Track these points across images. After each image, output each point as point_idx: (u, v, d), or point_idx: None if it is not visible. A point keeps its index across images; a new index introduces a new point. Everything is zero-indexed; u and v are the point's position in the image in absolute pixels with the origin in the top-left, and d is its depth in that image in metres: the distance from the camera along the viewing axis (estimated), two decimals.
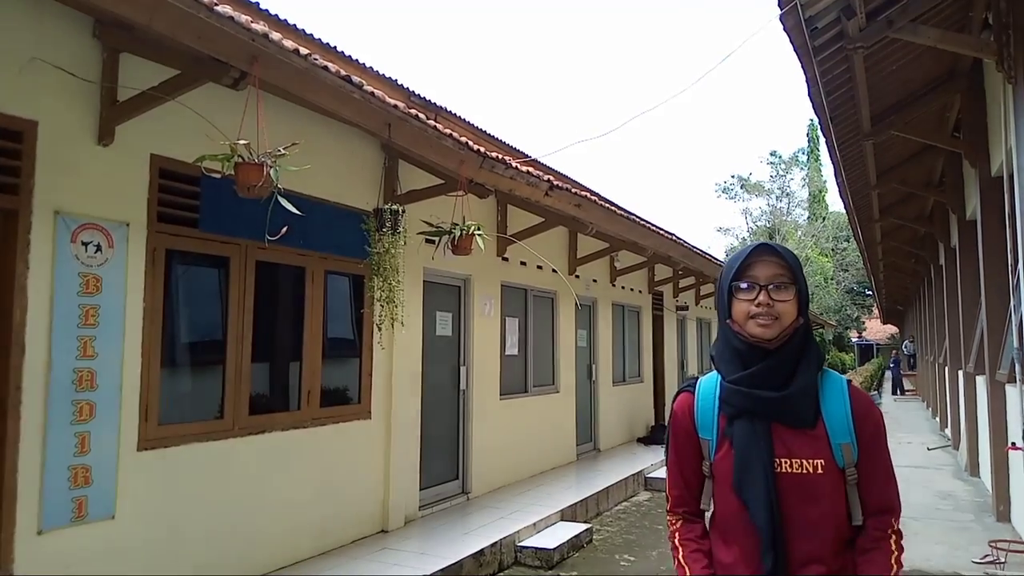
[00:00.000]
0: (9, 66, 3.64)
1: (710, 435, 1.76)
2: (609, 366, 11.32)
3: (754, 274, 1.71)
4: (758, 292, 1.68)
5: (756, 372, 1.67)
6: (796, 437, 1.66)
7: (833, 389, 1.70)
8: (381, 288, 5.13)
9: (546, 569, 5.81)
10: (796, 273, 1.70)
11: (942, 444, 12.17)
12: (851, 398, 1.69)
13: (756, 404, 1.67)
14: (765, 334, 1.66)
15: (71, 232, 3.86)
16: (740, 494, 1.67)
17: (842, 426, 1.65)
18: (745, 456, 1.67)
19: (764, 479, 1.63)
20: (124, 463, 4.10)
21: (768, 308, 1.66)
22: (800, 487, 1.64)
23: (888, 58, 6.36)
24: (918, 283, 18.66)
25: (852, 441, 1.65)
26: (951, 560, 5.71)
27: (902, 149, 9.15)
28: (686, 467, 1.82)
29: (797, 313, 1.69)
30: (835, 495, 1.65)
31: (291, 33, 5.69)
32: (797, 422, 1.66)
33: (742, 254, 1.75)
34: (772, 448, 1.65)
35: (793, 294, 1.68)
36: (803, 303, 1.71)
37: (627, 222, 8.71)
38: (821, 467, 1.63)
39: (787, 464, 1.65)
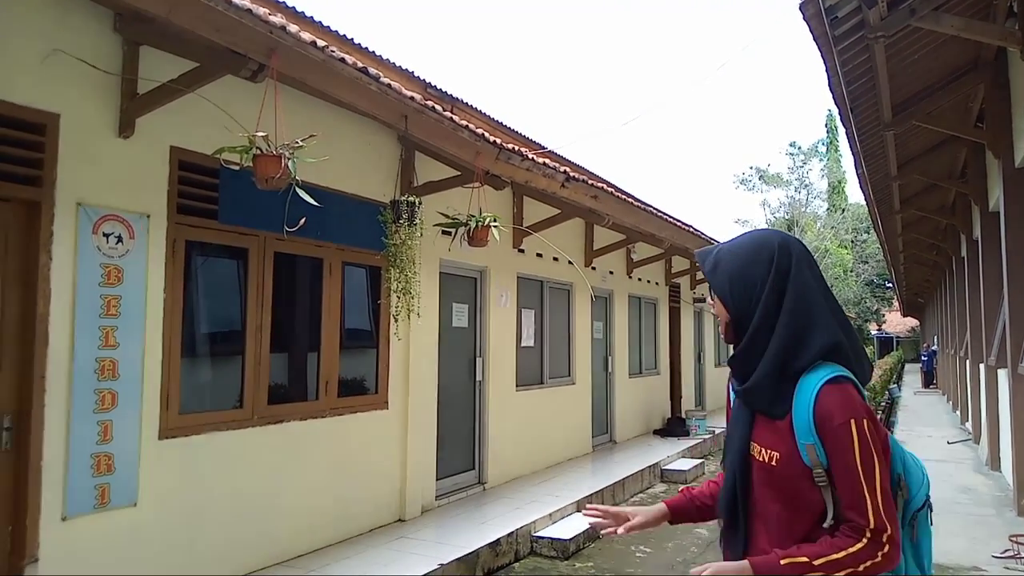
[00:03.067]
0: (31, 59, 3.68)
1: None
2: (625, 358, 11.30)
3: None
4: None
5: (730, 363, 1.80)
6: (767, 426, 1.69)
7: (805, 388, 1.63)
8: (398, 279, 5.15)
9: (562, 559, 5.83)
10: (712, 275, 1.78)
11: (962, 438, 12.05)
12: (817, 397, 1.59)
13: (735, 392, 1.79)
14: (724, 334, 1.82)
15: (93, 223, 3.92)
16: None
17: (804, 426, 1.60)
18: (729, 435, 1.81)
19: (732, 461, 1.74)
20: (146, 451, 4.16)
21: (716, 311, 1.83)
22: (762, 475, 1.68)
23: (910, 47, 6.27)
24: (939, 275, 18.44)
25: (816, 443, 1.58)
26: (971, 555, 5.66)
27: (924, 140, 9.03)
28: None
29: (728, 315, 1.77)
30: (792, 490, 1.62)
31: (308, 25, 5.71)
32: (764, 412, 1.70)
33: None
34: (748, 432, 1.72)
35: (717, 301, 1.79)
36: (732, 305, 1.74)
37: (644, 214, 8.68)
38: (777, 459, 1.64)
39: (757, 450, 1.70)
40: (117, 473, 4.00)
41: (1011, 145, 7.04)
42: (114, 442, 3.99)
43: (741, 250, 1.77)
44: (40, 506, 3.65)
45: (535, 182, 6.32)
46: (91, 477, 3.88)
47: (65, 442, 3.76)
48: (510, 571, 5.58)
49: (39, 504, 3.65)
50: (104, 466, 3.94)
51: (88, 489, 3.86)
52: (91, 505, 3.88)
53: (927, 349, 27.50)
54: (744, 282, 1.73)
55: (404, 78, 6.66)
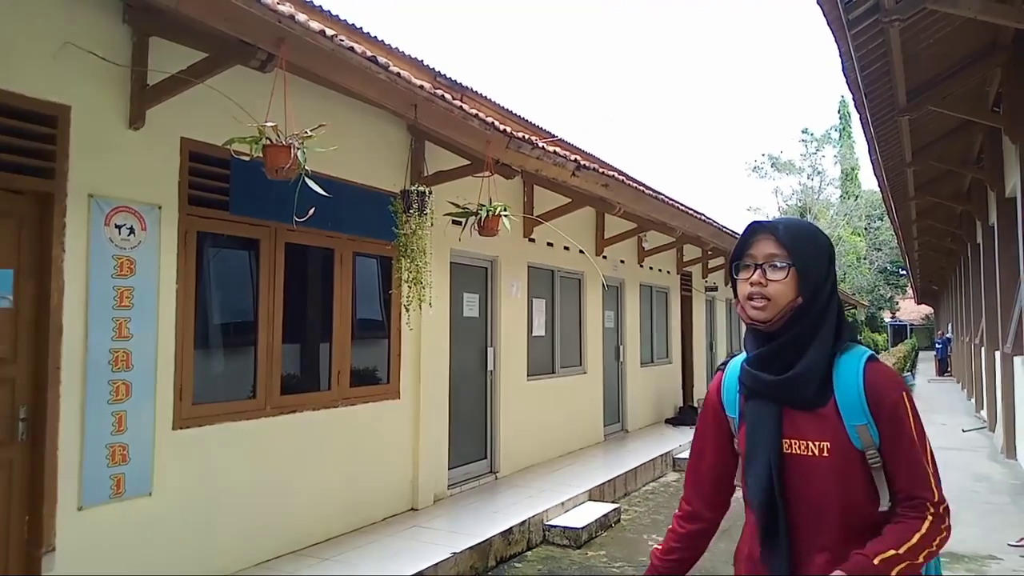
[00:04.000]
0: (42, 52, 3.69)
1: (735, 413, 1.76)
2: (637, 347, 11.28)
3: (752, 252, 1.68)
4: (753, 271, 1.66)
5: (760, 354, 1.66)
6: (805, 418, 1.61)
7: (847, 367, 1.60)
8: (409, 269, 5.15)
9: (574, 548, 5.84)
10: (794, 250, 1.62)
11: (977, 426, 11.97)
12: (865, 376, 1.57)
13: (760, 385, 1.66)
14: (757, 316, 1.64)
15: (105, 215, 3.93)
16: (745, 474, 1.68)
17: (855, 407, 1.56)
18: (752, 436, 1.66)
19: (765, 459, 1.61)
20: (160, 441, 4.19)
21: (761, 288, 1.63)
22: (806, 469, 1.59)
23: (925, 31, 6.18)
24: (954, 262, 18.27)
25: (869, 422, 1.55)
26: (986, 543, 5.62)
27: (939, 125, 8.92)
28: (705, 449, 1.84)
29: (796, 293, 1.62)
30: (846, 479, 1.56)
31: (317, 14, 5.68)
32: (803, 404, 1.61)
33: (743, 233, 1.73)
34: (779, 428, 1.62)
35: (788, 274, 1.62)
36: (806, 283, 1.62)
37: (655, 202, 8.63)
38: (827, 450, 1.56)
39: (796, 445, 1.60)
40: (132, 463, 4.03)
41: None
42: (128, 432, 4.02)
43: (806, 231, 1.69)
44: (56, 496, 3.68)
45: (545, 171, 6.29)
46: (106, 467, 3.91)
47: (80, 433, 3.79)
48: (522, 560, 5.60)
49: (55, 494, 3.68)
50: (119, 456, 3.97)
51: (103, 479, 3.89)
52: (107, 495, 3.91)
53: (941, 337, 27.29)
54: (816, 264, 1.65)
55: (413, 67, 6.63)
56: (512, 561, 5.54)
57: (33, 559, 3.63)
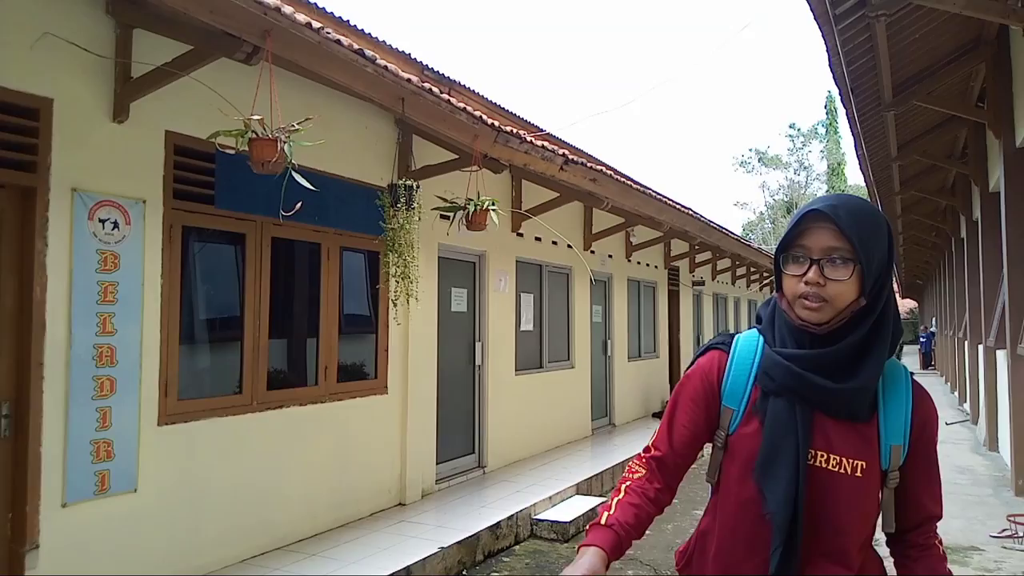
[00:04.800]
0: (24, 44, 3.63)
1: (736, 405, 1.53)
2: (624, 341, 11.31)
3: (806, 244, 1.42)
4: (808, 267, 1.41)
5: (814, 356, 1.42)
6: (841, 431, 1.43)
7: (895, 382, 1.47)
8: (396, 264, 5.12)
9: (562, 542, 5.86)
10: (860, 246, 1.38)
11: (961, 419, 12.10)
12: (914, 397, 1.46)
13: (805, 388, 1.43)
14: (812, 318, 1.41)
15: (88, 209, 3.89)
16: (760, 481, 1.44)
17: (899, 427, 1.44)
18: (774, 442, 1.44)
19: (792, 472, 1.41)
20: (145, 437, 4.16)
21: (818, 288, 1.39)
22: (832, 487, 1.42)
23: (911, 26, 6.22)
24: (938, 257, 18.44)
25: (904, 443, 1.44)
26: (969, 534, 5.69)
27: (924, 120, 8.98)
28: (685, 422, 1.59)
29: (858, 294, 1.40)
30: (869, 501, 1.45)
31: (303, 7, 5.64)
32: (849, 416, 1.43)
33: (794, 217, 1.45)
34: (810, 437, 1.42)
35: (852, 271, 1.38)
36: (869, 282, 1.41)
37: (643, 196, 8.64)
38: (862, 470, 1.41)
39: (823, 458, 1.42)
40: (117, 459, 4.00)
41: (1012, 125, 7.00)
42: (113, 428, 3.98)
43: (870, 216, 1.43)
44: (40, 493, 3.65)
45: (534, 165, 6.28)
46: (91, 463, 3.87)
47: (64, 429, 3.76)
48: (510, 554, 5.61)
49: (39, 491, 3.64)
50: (104, 452, 3.93)
51: (88, 475, 3.86)
52: (91, 491, 3.87)
53: (925, 331, 27.56)
54: (881, 258, 1.43)
55: (401, 60, 6.60)
56: (500, 555, 5.55)
57: (16, 556, 3.59)
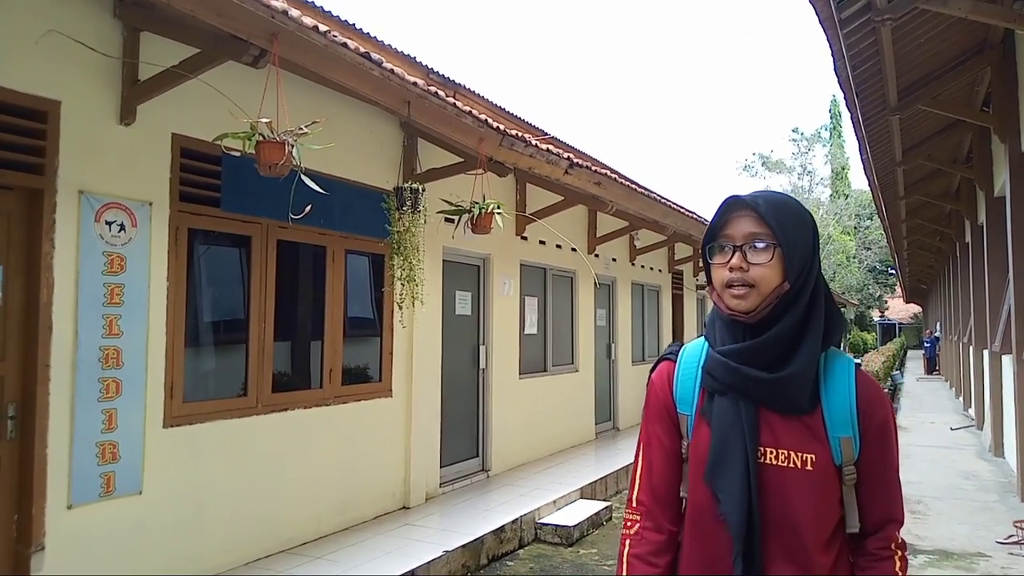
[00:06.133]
0: (32, 47, 3.65)
1: (689, 410, 1.52)
2: (628, 345, 11.29)
3: (729, 232, 1.46)
4: (732, 254, 1.44)
5: (747, 347, 1.43)
6: (786, 425, 1.42)
7: (837, 373, 1.45)
8: (401, 267, 5.12)
9: (566, 546, 5.84)
10: (778, 230, 1.41)
11: (966, 424, 12.05)
12: (857, 385, 1.44)
13: (743, 382, 1.42)
14: (739, 305, 1.43)
15: (95, 211, 3.90)
16: (712, 484, 1.43)
17: (844, 417, 1.41)
18: (722, 441, 1.42)
19: (742, 470, 1.39)
20: (150, 439, 4.16)
21: (741, 273, 1.42)
22: (784, 483, 1.40)
23: (917, 30, 6.21)
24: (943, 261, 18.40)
25: (854, 435, 1.41)
26: (974, 540, 5.66)
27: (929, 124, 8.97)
28: (656, 449, 1.57)
29: (782, 278, 1.42)
30: (825, 496, 1.41)
31: (310, 10, 5.66)
32: (790, 408, 1.42)
33: (718, 209, 1.49)
34: (757, 435, 1.41)
35: (773, 255, 1.41)
36: (793, 266, 1.42)
37: (647, 200, 8.64)
38: (812, 462, 1.39)
39: (772, 455, 1.41)
40: (122, 461, 4.00)
41: (1017, 129, 6.98)
42: (119, 430, 3.99)
43: (789, 205, 1.47)
44: (46, 494, 3.65)
45: (538, 168, 6.28)
46: (96, 465, 3.88)
47: (70, 430, 3.76)
48: (515, 557, 5.59)
49: (45, 492, 3.65)
50: (109, 454, 3.94)
51: (93, 477, 3.86)
52: (97, 493, 3.88)
53: (930, 336, 27.47)
54: (803, 243, 1.45)
55: (406, 63, 6.61)
56: (504, 559, 5.54)
57: (22, 558, 3.59)
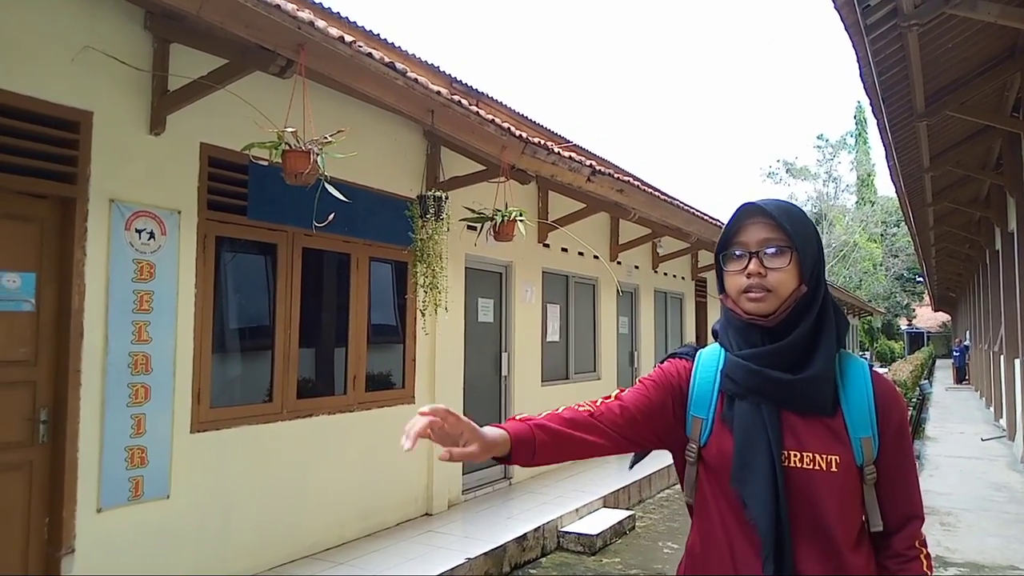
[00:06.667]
0: (64, 58, 3.73)
1: (705, 413, 1.51)
2: (651, 353, 11.23)
3: (743, 240, 1.47)
4: (748, 261, 1.45)
5: (770, 350, 1.43)
6: (809, 427, 1.42)
7: (854, 374, 1.47)
8: (425, 274, 5.17)
9: (589, 555, 5.81)
10: (793, 235, 1.43)
11: (997, 435, 11.82)
12: (874, 385, 1.45)
13: (766, 384, 1.42)
14: (758, 309, 1.43)
15: (125, 219, 3.97)
16: (739, 489, 1.42)
17: (863, 417, 1.42)
18: (748, 445, 1.42)
19: (769, 473, 1.39)
20: (178, 444, 4.21)
21: (759, 279, 1.42)
22: (810, 485, 1.40)
23: (944, 35, 6.15)
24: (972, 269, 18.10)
25: (873, 435, 1.42)
26: (1006, 553, 5.55)
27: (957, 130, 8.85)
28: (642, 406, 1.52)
29: (799, 282, 1.43)
30: (850, 497, 1.42)
31: (335, 21, 5.73)
32: (813, 409, 1.42)
33: (730, 217, 1.51)
34: (781, 437, 1.41)
35: (790, 260, 1.43)
36: (807, 269, 1.44)
37: (670, 207, 8.61)
38: (836, 464, 1.39)
39: (796, 457, 1.40)
40: (150, 466, 4.06)
41: None
42: (147, 435, 4.04)
43: (798, 211, 1.50)
44: (76, 498, 3.71)
45: (561, 176, 6.29)
46: (125, 470, 3.93)
47: (100, 435, 3.83)
48: (537, 566, 5.58)
49: (75, 496, 3.71)
50: (138, 459, 3.99)
51: (122, 481, 3.92)
52: (125, 497, 3.93)
53: (959, 344, 26.98)
54: (812, 247, 1.47)
55: (430, 73, 6.66)
56: (527, 567, 5.52)
57: (52, 561, 3.66)
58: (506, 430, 1.44)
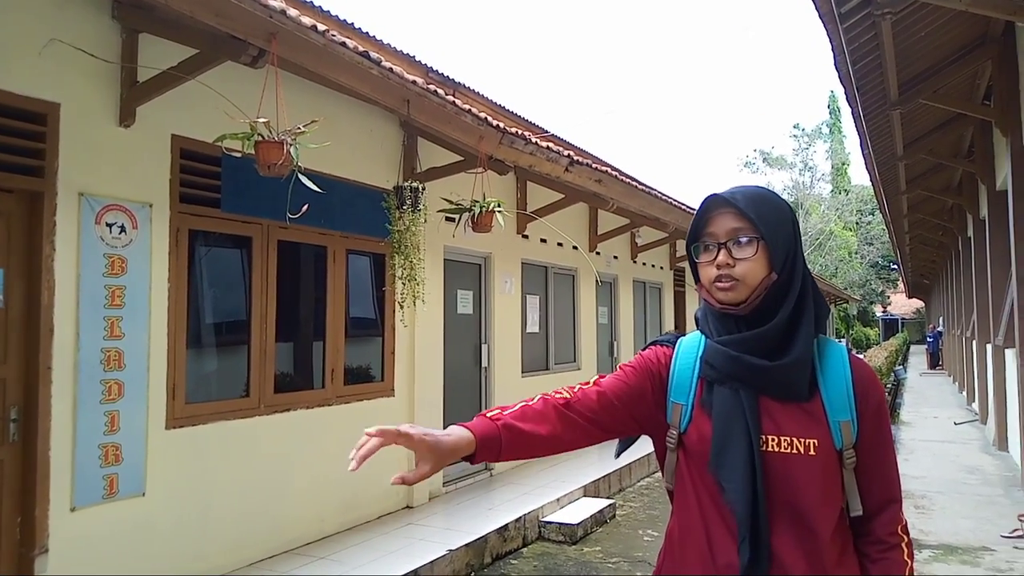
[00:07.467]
0: (30, 49, 3.65)
1: (684, 399, 1.52)
2: (631, 343, 11.28)
3: (712, 231, 1.49)
4: (717, 252, 1.46)
5: (748, 337, 1.44)
6: (787, 412, 1.43)
7: (832, 358, 1.47)
8: (402, 266, 5.12)
9: (570, 544, 5.84)
10: (760, 224, 1.43)
11: (969, 419, 12.03)
12: (852, 369, 1.46)
13: (744, 370, 1.43)
14: (728, 298, 1.45)
15: (95, 213, 3.89)
16: (716, 474, 1.43)
17: (841, 401, 1.43)
18: (726, 430, 1.43)
19: (746, 458, 1.40)
20: (153, 441, 4.16)
21: (728, 269, 1.44)
22: (788, 469, 1.40)
23: (917, 23, 6.19)
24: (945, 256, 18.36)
25: (852, 419, 1.43)
26: (979, 535, 5.65)
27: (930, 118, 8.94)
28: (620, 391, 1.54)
29: (768, 270, 1.44)
30: (828, 480, 1.42)
31: (308, 10, 5.65)
32: (790, 395, 1.43)
33: (699, 209, 1.52)
34: (759, 422, 1.42)
35: (757, 249, 1.43)
36: (778, 257, 1.44)
37: (648, 197, 8.62)
38: (814, 447, 1.40)
39: (774, 442, 1.41)
40: (125, 463, 4.00)
41: (1019, 122, 6.96)
42: (121, 432, 3.99)
43: (767, 198, 1.50)
44: (49, 497, 3.65)
45: (539, 167, 6.27)
46: (99, 467, 3.88)
47: (72, 433, 3.76)
48: (518, 556, 5.59)
49: (48, 495, 3.65)
50: (112, 456, 3.94)
51: (96, 479, 3.86)
52: (100, 495, 3.88)
53: (932, 330, 27.41)
54: (784, 233, 1.47)
55: (405, 62, 6.60)
56: (508, 558, 5.53)
57: (25, 560, 3.60)
58: (472, 430, 1.47)
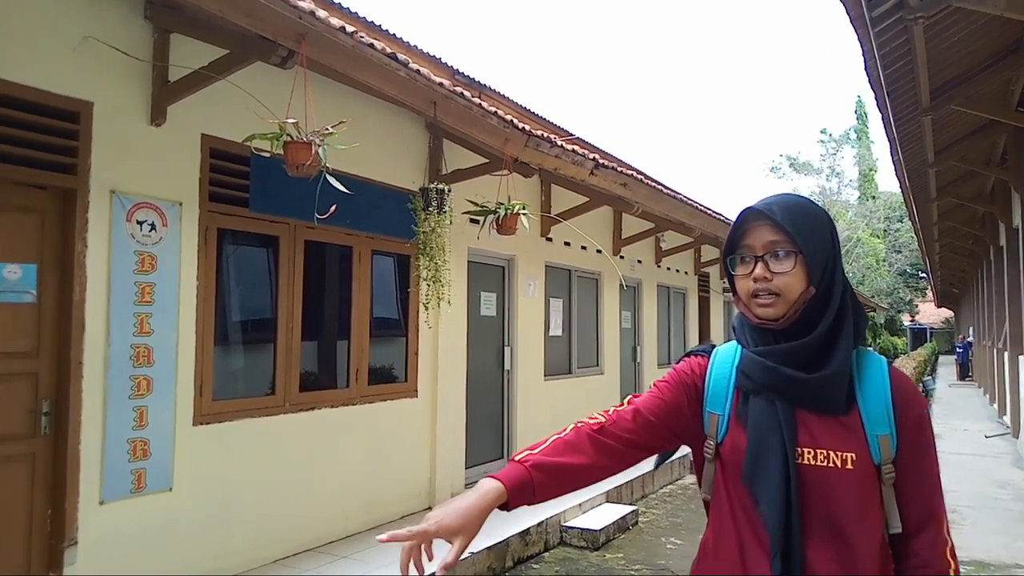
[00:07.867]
0: (65, 49, 3.71)
1: (721, 410, 1.50)
2: (654, 348, 11.22)
3: (749, 243, 1.46)
4: (754, 265, 1.44)
5: (785, 348, 1.42)
6: (824, 425, 1.40)
7: (871, 370, 1.44)
8: (427, 267, 5.13)
9: (592, 550, 5.80)
10: (797, 236, 1.40)
11: (1000, 432, 11.79)
12: (892, 382, 1.42)
13: (781, 382, 1.41)
14: (767, 314, 1.42)
15: (126, 211, 3.95)
16: (750, 486, 1.41)
17: (880, 414, 1.39)
18: (761, 442, 1.41)
19: (781, 470, 1.37)
20: (180, 437, 4.21)
21: (766, 283, 1.42)
22: (825, 483, 1.37)
23: (950, 28, 6.08)
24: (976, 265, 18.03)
25: (891, 432, 1.39)
26: (1011, 551, 5.53)
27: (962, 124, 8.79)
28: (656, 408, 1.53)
29: (807, 284, 1.41)
30: (867, 495, 1.38)
31: (336, 11, 5.69)
32: (827, 408, 1.40)
33: (735, 221, 1.49)
34: (795, 435, 1.39)
35: (795, 263, 1.40)
36: (816, 270, 1.41)
37: (673, 201, 8.57)
38: (852, 461, 1.36)
39: (810, 455, 1.38)
40: (153, 458, 4.05)
41: None
42: (150, 427, 4.03)
43: (805, 208, 1.47)
44: (79, 490, 3.71)
45: (564, 169, 6.26)
46: (128, 462, 3.93)
47: (102, 427, 3.82)
48: (540, 560, 5.57)
49: (77, 488, 3.70)
50: (140, 451, 3.99)
51: (125, 474, 3.91)
52: (128, 489, 3.93)
53: (962, 341, 26.93)
54: (822, 246, 1.44)
55: (432, 64, 6.62)
56: (529, 562, 5.51)
57: (55, 552, 3.65)
58: (501, 480, 1.43)
